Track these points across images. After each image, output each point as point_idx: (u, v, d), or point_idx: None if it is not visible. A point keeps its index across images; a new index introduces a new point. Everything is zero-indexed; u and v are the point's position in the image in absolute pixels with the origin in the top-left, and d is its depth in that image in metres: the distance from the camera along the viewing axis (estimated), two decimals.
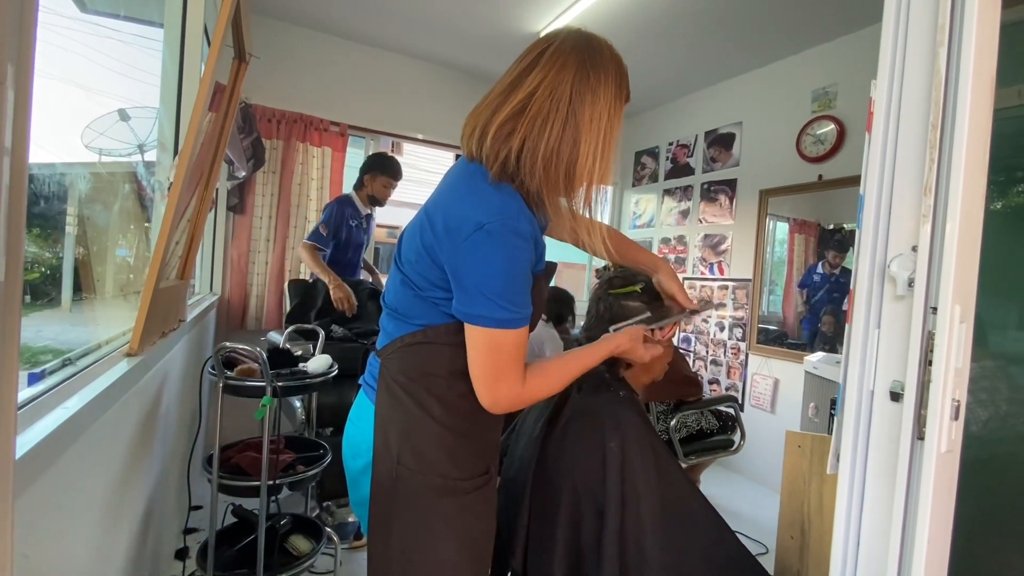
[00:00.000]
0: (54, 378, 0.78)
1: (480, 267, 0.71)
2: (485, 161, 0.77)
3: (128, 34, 1.81)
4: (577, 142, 0.75)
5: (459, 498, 0.81)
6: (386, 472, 0.81)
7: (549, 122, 0.73)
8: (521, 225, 0.73)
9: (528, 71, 0.76)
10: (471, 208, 0.73)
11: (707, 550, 0.98)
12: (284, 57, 2.98)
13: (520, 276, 0.74)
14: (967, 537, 0.76)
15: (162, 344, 1.21)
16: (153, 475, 1.31)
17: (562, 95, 0.74)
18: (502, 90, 0.77)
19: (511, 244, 0.72)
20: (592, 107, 0.75)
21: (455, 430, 0.82)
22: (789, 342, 2.93)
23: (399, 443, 0.80)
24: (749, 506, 2.70)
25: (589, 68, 0.75)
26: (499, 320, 0.72)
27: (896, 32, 0.67)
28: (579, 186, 0.77)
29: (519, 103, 0.74)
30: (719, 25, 2.69)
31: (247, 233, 2.90)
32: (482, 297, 0.72)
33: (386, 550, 0.81)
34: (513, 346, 0.74)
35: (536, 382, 0.79)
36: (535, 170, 0.74)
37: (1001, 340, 1.19)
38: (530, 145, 0.74)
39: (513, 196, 0.76)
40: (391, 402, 0.82)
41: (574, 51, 0.76)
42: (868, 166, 0.70)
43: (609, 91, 0.77)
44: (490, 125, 0.76)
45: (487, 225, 0.71)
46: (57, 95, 1.47)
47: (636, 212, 4.08)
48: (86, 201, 1.55)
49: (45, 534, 0.64)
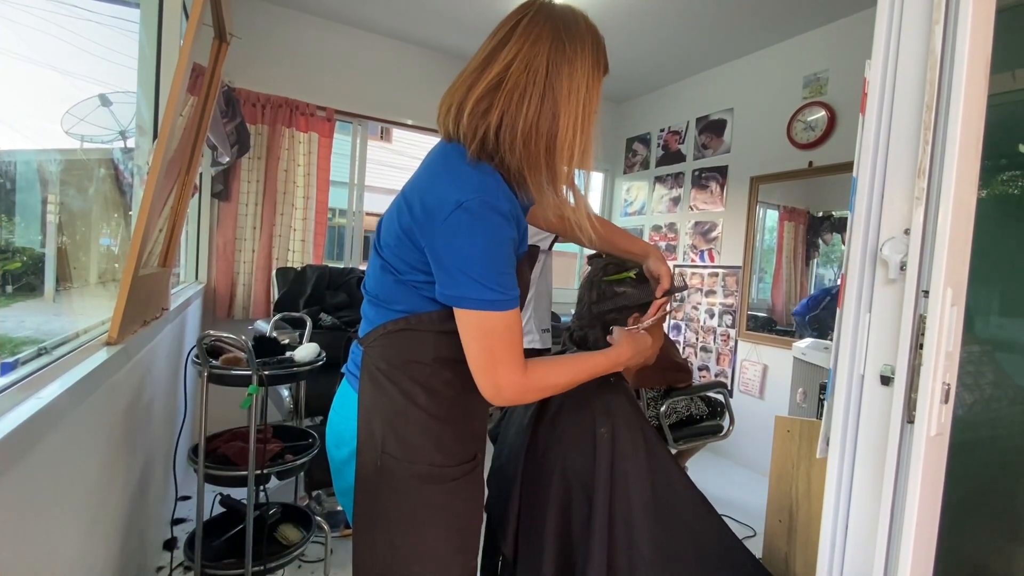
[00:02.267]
0: (27, 368, 0.75)
1: (461, 247, 0.70)
2: (463, 140, 0.75)
3: (105, 15, 1.75)
4: (556, 115, 0.73)
5: (445, 485, 0.80)
6: (370, 461, 0.79)
7: (527, 96, 0.71)
8: (501, 203, 0.71)
9: (502, 45, 0.73)
10: (449, 187, 0.71)
11: (696, 534, 0.99)
12: (268, 39, 2.91)
13: (503, 255, 0.72)
14: (953, 519, 0.77)
15: (144, 333, 1.18)
16: (138, 466, 1.29)
17: (538, 67, 0.72)
18: (476, 65, 0.75)
19: (491, 222, 0.70)
20: (570, 79, 0.73)
21: (440, 417, 0.80)
22: (778, 329, 2.95)
23: (383, 431, 0.79)
24: (738, 490, 2.73)
25: (565, 39, 0.73)
26: (487, 301, 0.70)
27: (892, 9, 0.66)
28: (560, 161, 0.75)
29: (495, 77, 0.72)
30: (711, 10, 2.67)
31: (233, 220, 2.84)
32: (466, 278, 0.70)
33: (371, 539, 0.80)
34: (505, 328, 0.72)
35: (540, 372, 0.77)
36: (515, 146, 0.72)
37: (987, 325, 1.20)
38: (508, 121, 0.72)
39: (492, 174, 0.74)
40: (375, 390, 0.81)
41: (548, 22, 0.74)
42: (861, 148, 0.70)
43: (586, 62, 0.74)
44: (466, 102, 0.73)
45: (465, 203, 0.69)
46: (33, 78, 1.42)
47: (627, 199, 4.07)
48: (65, 189, 1.50)
49: (17, 528, 0.62)
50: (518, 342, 0.74)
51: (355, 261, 3.31)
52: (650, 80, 3.67)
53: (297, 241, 2.97)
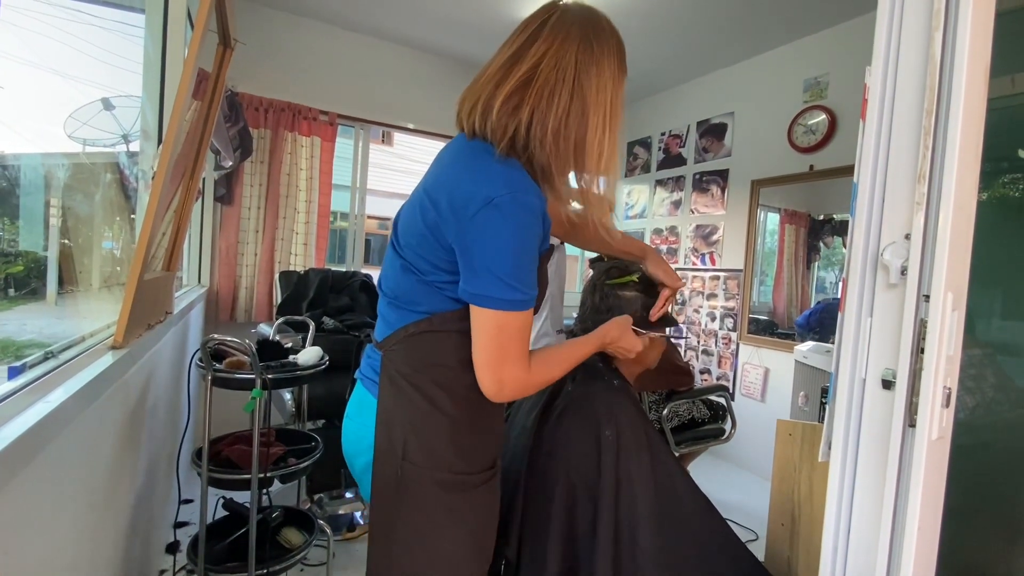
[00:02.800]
0: (35, 372, 0.76)
1: (490, 244, 0.69)
2: (491, 136, 0.74)
3: (109, 20, 1.76)
4: (585, 114, 0.74)
5: (466, 492, 0.79)
6: (390, 469, 0.78)
7: (556, 93, 0.72)
8: (531, 199, 0.71)
9: (531, 42, 0.74)
10: (479, 184, 0.70)
11: (699, 537, 0.99)
12: (271, 44, 2.93)
13: (528, 254, 0.72)
14: (955, 523, 0.77)
15: (148, 337, 1.19)
16: (142, 469, 1.29)
17: (567, 66, 0.72)
18: (503, 62, 0.75)
19: (520, 219, 0.70)
20: (598, 78, 0.74)
21: (464, 423, 0.79)
22: (779, 332, 2.95)
23: (405, 438, 0.78)
24: (740, 494, 2.73)
25: (592, 39, 0.74)
26: (508, 301, 0.71)
27: (891, 16, 0.67)
28: (590, 159, 0.76)
29: (525, 74, 0.72)
30: (712, 14, 2.68)
31: (235, 224, 2.85)
32: (491, 276, 0.70)
33: (388, 544, 0.79)
34: (518, 328, 0.73)
35: (540, 368, 0.78)
36: (545, 142, 0.73)
37: (987, 328, 1.20)
38: (539, 117, 0.72)
39: (520, 170, 0.73)
40: (396, 396, 0.79)
41: (576, 22, 0.75)
42: (862, 153, 0.70)
43: (612, 63, 0.76)
44: (494, 99, 0.73)
45: (496, 199, 0.68)
46: (36, 82, 1.43)
47: (628, 203, 4.08)
48: (68, 192, 1.51)
49: (27, 531, 0.63)
50: (528, 339, 0.75)
51: (357, 264, 3.32)
52: (651, 84, 3.68)
53: (299, 244, 2.98)
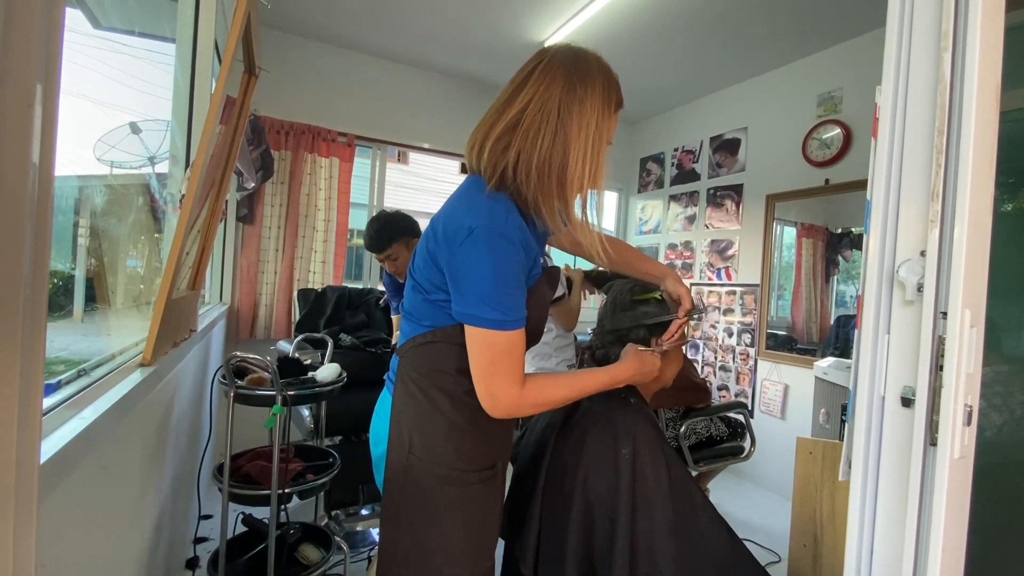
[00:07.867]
0: (69, 388, 0.79)
1: (471, 269, 0.77)
2: (483, 173, 0.83)
3: (141, 49, 1.84)
4: (567, 151, 0.80)
5: (463, 488, 0.87)
6: (399, 459, 0.87)
7: (540, 134, 0.80)
8: (508, 230, 0.78)
9: (520, 88, 0.82)
10: (464, 215, 0.79)
11: (718, 559, 0.97)
12: (292, 69, 3.02)
13: (509, 278, 0.78)
14: (983, 544, 0.75)
15: (174, 354, 1.22)
16: (165, 484, 1.32)
17: (551, 108, 0.80)
18: (498, 107, 0.84)
19: (498, 247, 0.77)
20: (580, 117, 0.81)
21: (461, 425, 0.87)
22: (799, 347, 2.91)
23: (411, 433, 0.87)
24: (760, 514, 2.66)
25: (576, 81, 0.81)
26: (491, 320, 0.77)
27: (900, 38, 0.68)
28: (572, 191, 0.83)
29: (512, 118, 0.81)
30: (723, 31, 2.71)
31: (256, 243, 2.92)
32: (475, 297, 0.77)
33: (395, 529, 0.88)
34: (505, 345, 0.79)
35: (536, 391, 0.83)
36: (529, 179, 0.80)
37: (1016, 343, 1.18)
38: (524, 157, 0.80)
39: (503, 203, 0.81)
40: (406, 396, 0.89)
41: (562, 66, 0.82)
42: (875, 172, 0.71)
43: (596, 101, 0.82)
44: (487, 140, 0.82)
45: (476, 230, 0.76)
46: (70, 108, 1.50)
47: (642, 218, 4.08)
48: (99, 213, 1.57)
49: (62, 543, 0.65)
50: (518, 358, 0.80)
51: (373, 281, 3.36)
52: (663, 100, 3.71)
53: (318, 263, 3.03)
